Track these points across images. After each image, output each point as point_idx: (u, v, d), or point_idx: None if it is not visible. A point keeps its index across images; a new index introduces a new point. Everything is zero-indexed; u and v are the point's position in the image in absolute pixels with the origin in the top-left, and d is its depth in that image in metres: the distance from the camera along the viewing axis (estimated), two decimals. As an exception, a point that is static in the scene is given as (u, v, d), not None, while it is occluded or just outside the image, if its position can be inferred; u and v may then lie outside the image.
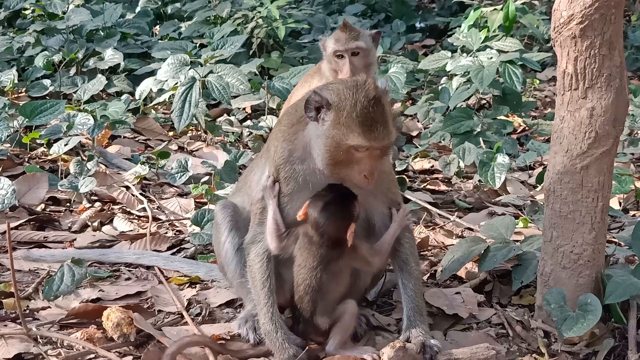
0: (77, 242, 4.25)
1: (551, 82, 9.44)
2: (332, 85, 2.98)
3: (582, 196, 3.23)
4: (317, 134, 2.93)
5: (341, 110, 2.85)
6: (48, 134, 5.51)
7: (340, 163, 2.90)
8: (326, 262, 2.99)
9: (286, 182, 3.04)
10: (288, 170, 3.03)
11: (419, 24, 11.81)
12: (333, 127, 2.86)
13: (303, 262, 3.02)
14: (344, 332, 3.00)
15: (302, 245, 3.02)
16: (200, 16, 9.20)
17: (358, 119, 2.83)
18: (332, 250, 2.98)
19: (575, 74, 3.15)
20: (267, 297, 3.05)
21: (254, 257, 3.10)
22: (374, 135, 2.84)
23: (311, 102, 2.91)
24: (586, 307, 3.15)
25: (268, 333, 3.02)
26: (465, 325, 3.39)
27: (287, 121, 3.11)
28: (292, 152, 3.03)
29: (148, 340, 3.13)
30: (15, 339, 3.06)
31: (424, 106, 7.20)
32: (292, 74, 7.07)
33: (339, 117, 2.85)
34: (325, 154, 2.90)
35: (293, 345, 2.98)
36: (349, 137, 2.84)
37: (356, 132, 2.82)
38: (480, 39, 7.05)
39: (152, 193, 5.16)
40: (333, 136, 2.86)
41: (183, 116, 5.95)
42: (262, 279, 3.06)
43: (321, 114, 2.90)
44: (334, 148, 2.87)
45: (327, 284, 3.00)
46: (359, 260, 3.06)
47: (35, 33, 8.30)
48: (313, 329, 3.04)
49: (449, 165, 5.73)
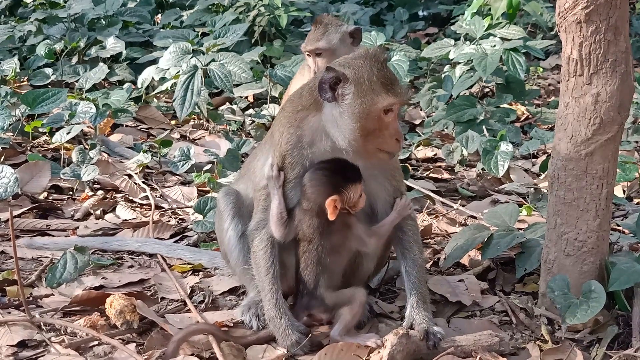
0: (79, 230, 4.25)
1: (555, 70, 9.40)
2: (339, 61, 2.98)
3: (586, 183, 3.21)
4: (340, 112, 2.90)
5: (360, 78, 2.87)
6: (50, 123, 5.50)
7: (372, 133, 2.89)
8: (322, 234, 2.99)
9: (292, 167, 3.03)
10: (296, 155, 3.02)
11: (421, 12, 11.76)
12: (357, 97, 2.86)
13: (302, 233, 3.04)
14: (351, 318, 2.99)
15: (301, 218, 3.03)
16: (202, 4, 9.17)
17: (380, 80, 2.87)
18: (323, 221, 2.97)
19: (580, 60, 3.13)
20: (272, 283, 3.04)
21: (258, 244, 3.09)
22: (399, 91, 2.90)
23: (326, 80, 2.89)
24: (590, 294, 3.15)
25: (272, 319, 3.02)
26: (468, 312, 3.38)
27: (291, 108, 3.09)
28: (301, 138, 3.02)
29: (151, 327, 3.13)
30: (19, 326, 3.06)
31: (426, 94, 7.18)
32: (294, 62, 7.04)
33: (361, 86, 2.86)
34: (355, 128, 2.88)
35: (296, 332, 2.97)
36: (378, 101, 2.86)
37: (383, 93, 2.86)
38: (483, 26, 7.01)
39: (155, 181, 5.16)
40: (361, 106, 2.86)
41: (185, 104, 5.94)
42: (267, 265, 3.06)
43: (338, 90, 2.89)
44: (364, 118, 2.86)
45: (326, 257, 3.00)
46: (355, 240, 3.05)
47: (37, 22, 8.28)
48: (317, 302, 3.03)
49: (452, 153, 5.71)
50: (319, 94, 2.93)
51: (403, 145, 6.29)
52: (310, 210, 3.00)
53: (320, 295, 3.02)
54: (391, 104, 2.88)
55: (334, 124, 2.94)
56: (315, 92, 2.95)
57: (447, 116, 6.52)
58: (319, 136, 3.00)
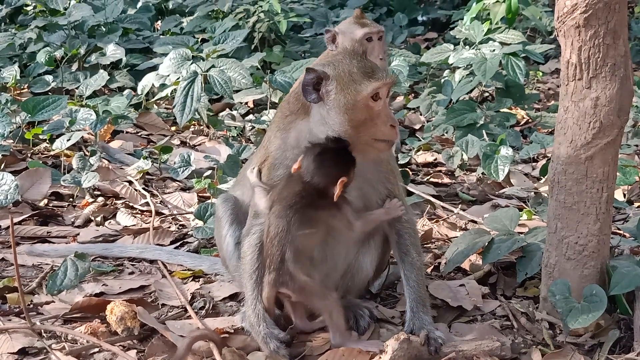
0: (80, 236, 4.25)
1: (554, 74, 9.42)
2: (319, 62, 3.03)
3: (586, 187, 3.21)
4: (327, 110, 2.91)
5: (341, 72, 2.90)
6: (50, 130, 5.51)
7: (364, 124, 2.89)
8: (302, 206, 2.91)
9: (275, 169, 3.04)
10: (279, 157, 3.04)
11: (421, 17, 11.79)
12: (341, 91, 2.88)
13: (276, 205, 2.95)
14: (338, 321, 2.96)
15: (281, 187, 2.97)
16: (202, 11, 9.19)
17: (360, 70, 2.90)
18: (315, 198, 2.92)
19: (580, 64, 3.13)
20: (253, 289, 3.03)
21: (246, 249, 3.09)
22: (381, 75, 2.91)
23: (308, 82, 2.91)
24: (591, 298, 3.14)
25: (252, 326, 3.01)
26: (469, 317, 3.37)
27: (280, 114, 3.14)
28: (286, 139, 3.04)
29: (152, 334, 3.12)
30: (20, 333, 3.05)
31: (426, 99, 7.19)
32: (294, 68, 7.05)
33: (342, 79, 2.88)
34: (344, 121, 2.88)
35: (274, 340, 2.95)
36: (362, 89, 2.87)
37: (365, 80, 2.87)
38: (482, 31, 7.02)
39: (155, 187, 5.16)
40: (345, 98, 2.87)
41: (185, 111, 5.95)
42: (251, 271, 3.05)
43: (322, 90, 2.90)
44: (351, 110, 2.87)
45: (297, 228, 2.90)
46: (340, 219, 2.98)
47: (37, 29, 8.30)
48: (285, 277, 2.91)
49: (452, 158, 5.71)
50: (303, 97, 2.94)
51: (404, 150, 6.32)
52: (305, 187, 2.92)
53: (288, 269, 2.90)
54: (375, 88, 2.88)
55: (322, 123, 2.94)
56: (301, 97, 2.97)
57: (447, 121, 6.53)
58: (304, 137, 3.00)
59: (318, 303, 2.98)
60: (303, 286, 2.93)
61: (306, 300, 2.99)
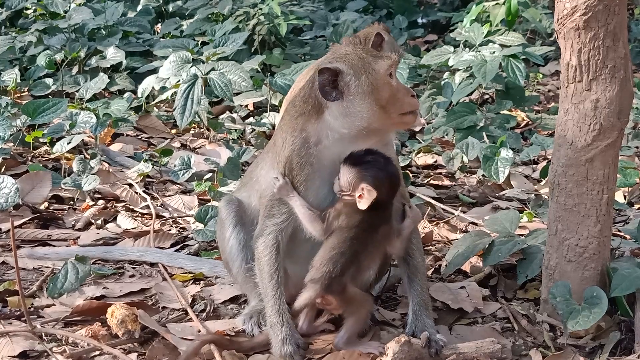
0: (80, 239, 4.25)
1: (554, 76, 9.41)
2: (327, 59, 3.03)
3: (587, 189, 3.21)
4: (350, 100, 2.91)
5: (353, 62, 2.95)
6: (51, 133, 5.51)
7: (388, 101, 2.94)
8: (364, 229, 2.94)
9: (301, 168, 3.00)
10: (303, 155, 2.99)
11: (421, 20, 11.79)
12: (360, 77, 2.92)
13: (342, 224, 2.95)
14: (358, 326, 2.98)
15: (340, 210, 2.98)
16: (202, 14, 9.20)
17: (369, 54, 3.01)
18: (375, 216, 2.95)
19: (579, 66, 3.13)
20: (275, 289, 3.02)
21: (262, 249, 3.06)
22: (388, 53, 3.09)
23: (325, 82, 2.91)
24: (592, 300, 3.14)
25: (273, 325, 2.99)
26: (470, 319, 3.37)
27: (289, 116, 3.09)
28: (307, 139, 3.00)
29: (153, 336, 3.12)
30: (20, 336, 3.05)
31: (426, 101, 7.18)
32: (294, 70, 7.04)
33: (357, 67, 2.93)
34: (372, 104, 2.91)
35: (293, 344, 2.95)
36: (379, 68, 2.95)
37: (379, 60, 2.98)
38: (482, 33, 7.02)
39: (155, 190, 5.16)
40: (367, 81, 2.91)
41: (185, 113, 5.95)
42: (271, 271, 3.03)
43: (340, 85, 2.92)
44: (376, 90, 2.92)
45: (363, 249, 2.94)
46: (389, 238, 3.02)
47: (37, 32, 8.30)
48: (338, 287, 2.92)
49: (452, 160, 5.71)
50: (324, 99, 2.93)
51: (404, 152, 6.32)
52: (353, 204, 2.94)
53: (344, 283, 2.93)
54: (390, 64, 2.98)
55: (345, 115, 2.92)
56: (311, 99, 2.97)
57: (447, 123, 6.53)
58: (325, 134, 2.98)
59: (358, 310, 2.99)
60: (352, 296, 2.96)
61: (346, 306, 2.99)
